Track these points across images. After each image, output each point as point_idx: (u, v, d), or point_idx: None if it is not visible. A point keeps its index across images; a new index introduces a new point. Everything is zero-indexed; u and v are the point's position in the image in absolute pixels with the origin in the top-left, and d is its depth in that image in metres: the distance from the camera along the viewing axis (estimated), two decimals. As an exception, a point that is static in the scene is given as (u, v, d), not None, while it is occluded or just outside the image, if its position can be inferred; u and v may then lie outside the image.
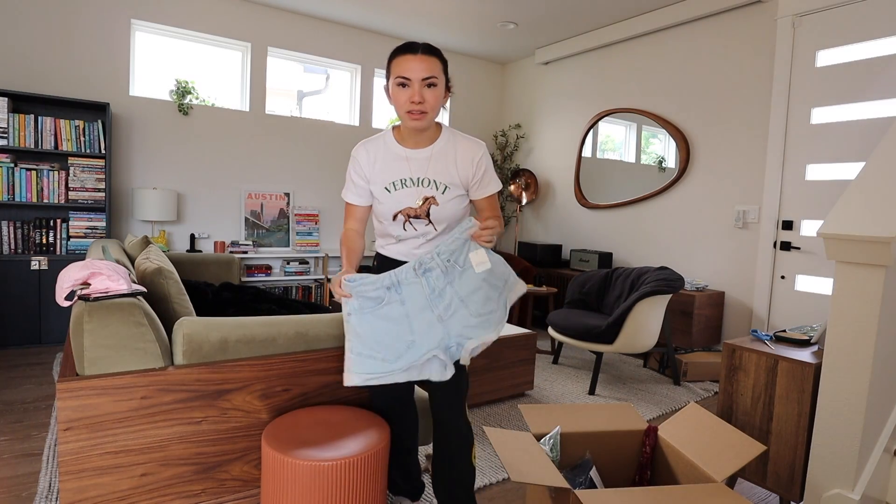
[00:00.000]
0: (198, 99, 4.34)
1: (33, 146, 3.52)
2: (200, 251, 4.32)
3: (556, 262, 5.03)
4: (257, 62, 4.55)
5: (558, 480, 1.26)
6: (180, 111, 4.24)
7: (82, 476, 1.45)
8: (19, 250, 3.57)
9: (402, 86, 1.46)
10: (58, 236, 3.66)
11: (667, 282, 3.15)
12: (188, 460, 1.60)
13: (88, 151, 3.68)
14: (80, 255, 3.69)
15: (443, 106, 1.54)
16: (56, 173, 3.61)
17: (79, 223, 3.70)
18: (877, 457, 1.74)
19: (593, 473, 1.54)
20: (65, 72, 3.82)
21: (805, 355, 1.80)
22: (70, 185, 3.65)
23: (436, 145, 1.57)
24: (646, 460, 1.66)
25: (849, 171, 3.26)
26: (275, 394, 1.73)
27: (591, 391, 3.18)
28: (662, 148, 4.38)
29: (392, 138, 1.59)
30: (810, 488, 1.70)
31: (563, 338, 3.36)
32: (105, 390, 1.46)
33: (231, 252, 4.36)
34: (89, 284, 1.58)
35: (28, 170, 3.54)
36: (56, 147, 3.59)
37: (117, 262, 2.04)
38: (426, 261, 1.46)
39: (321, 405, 1.79)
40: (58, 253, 3.65)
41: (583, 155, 5.05)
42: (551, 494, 1.40)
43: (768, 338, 2.00)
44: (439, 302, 1.46)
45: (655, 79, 4.39)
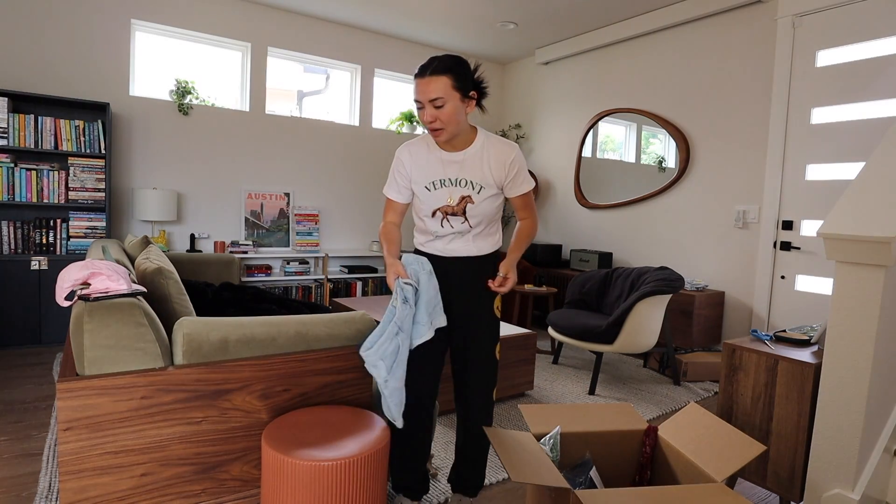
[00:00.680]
0: (198, 99, 4.34)
1: (33, 146, 3.52)
2: (200, 251, 4.32)
3: (556, 262, 5.03)
4: (257, 62, 4.55)
5: (558, 480, 1.26)
6: (180, 111, 4.24)
7: (82, 476, 1.45)
8: (19, 250, 3.57)
9: (419, 107, 1.59)
10: (58, 236, 3.66)
11: (667, 282, 3.15)
12: (188, 460, 1.60)
13: (88, 151, 3.68)
14: (80, 255, 3.69)
15: (479, 110, 1.66)
16: (56, 173, 3.61)
17: (79, 223, 3.70)
18: (877, 457, 1.74)
19: (593, 473, 1.54)
20: (65, 72, 3.82)
21: (805, 355, 1.80)
22: (70, 185, 3.65)
23: (470, 149, 1.67)
24: (646, 460, 1.66)
25: (849, 171, 3.25)
26: (275, 394, 1.73)
27: (591, 391, 3.18)
28: (662, 148, 4.38)
29: (432, 140, 1.71)
30: (810, 488, 1.70)
31: (563, 338, 3.36)
32: (105, 390, 1.46)
33: (231, 252, 4.36)
34: (89, 284, 1.58)
35: (28, 170, 3.54)
36: (56, 147, 3.59)
37: (117, 262, 2.04)
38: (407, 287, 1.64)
39: (321, 405, 1.79)
40: (58, 253, 3.65)
41: (583, 155, 5.05)
42: (551, 494, 1.40)
43: (768, 338, 2.00)
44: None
45: (655, 79, 4.39)
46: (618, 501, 1.20)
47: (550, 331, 3.50)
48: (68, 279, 1.58)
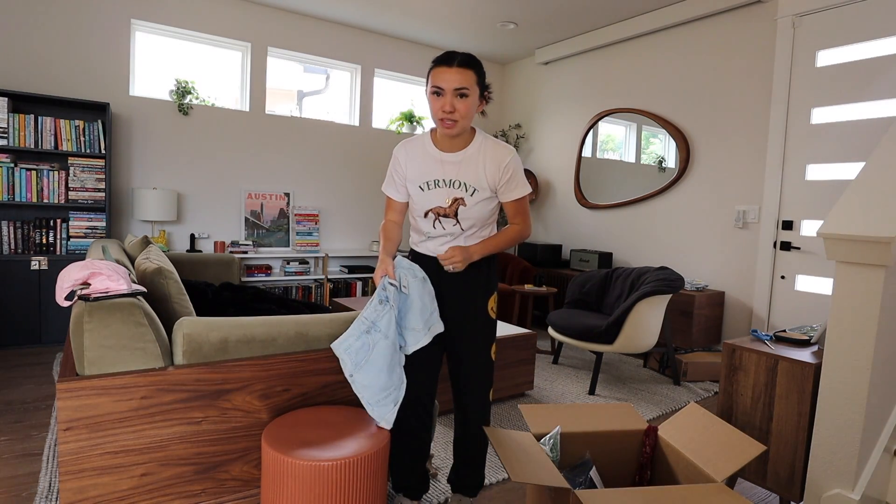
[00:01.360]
0: (198, 99, 4.34)
1: (33, 146, 3.52)
2: (200, 251, 4.32)
3: (556, 262, 5.03)
4: (257, 62, 4.55)
5: (558, 480, 1.26)
6: (180, 111, 4.24)
7: (82, 476, 1.45)
8: (19, 250, 3.57)
9: (437, 94, 1.56)
10: (58, 236, 3.66)
11: (667, 282, 3.15)
12: (188, 460, 1.60)
13: (88, 151, 3.68)
14: (80, 255, 3.69)
15: (479, 113, 1.65)
16: (56, 173, 3.61)
17: (79, 223, 3.70)
18: (877, 457, 1.74)
19: (593, 473, 1.54)
20: (65, 72, 3.82)
21: (805, 355, 1.80)
22: (70, 185, 3.65)
23: (468, 150, 1.66)
24: (646, 460, 1.66)
25: (849, 171, 3.25)
26: (275, 394, 1.73)
27: (591, 391, 3.18)
28: (662, 148, 4.38)
29: (429, 140, 1.70)
30: (810, 488, 1.70)
31: (563, 338, 3.36)
32: (105, 390, 1.46)
33: (231, 252, 4.36)
34: (89, 284, 1.58)
35: (28, 170, 3.54)
36: (56, 147, 3.59)
37: (117, 262, 2.04)
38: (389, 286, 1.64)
39: (321, 405, 1.79)
40: (58, 253, 3.65)
41: (583, 155, 5.05)
42: (551, 494, 1.40)
43: (768, 338, 2.00)
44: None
45: (655, 79, 4.39)
46: (618, 501, 1.20)
47: (550, 331, 3.50)
48: (68, 279, 1.58)
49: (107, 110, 3.69)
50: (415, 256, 1.82)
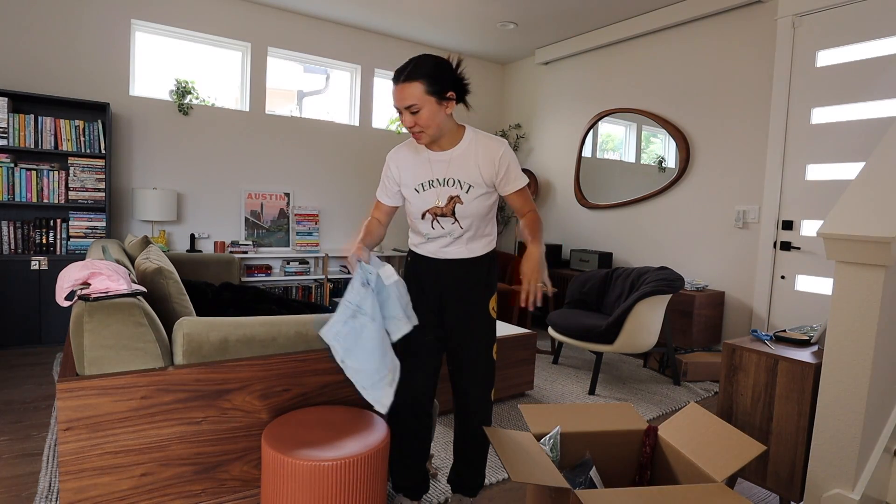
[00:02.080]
0: (198, 99, 4.34)
1: (33, 146, 3.52)
2: (200, 251, 4.32)
3: (556, 262, 5.03)
4: (257, 62, 4.55)
5: (558, 480, 1.26)
6: (180, 111, 4.24)
7: (82, 476, 1.45)
8: (19, 250, 3.57)
9: (399, 112, 1.57)
10: (58, 236, 3.66)
11: (667, 282, 3.15)
12: (188, 460, 1.60)
13: (88, 151, 3.68)
14: (80, 255, 3.69)
15: (448, 113, 1.58)
16: (56, 173, 3.61)
17: (79, 223, 3.70)
18: (877, 457, 1.74)
19: (593, 473, 1.54)
20: (65, 72, 3.82)
21: (805, 355, 1.80)
22: (70, 185, 3.65)
23: (457, 148, 1.65)
24: (646, 460, 1.66)
25: (849, 171, 3.25)
26: (275, 394, 1.73)
27: (591, 391, 3.18)
28: (662, 148, 4.38)
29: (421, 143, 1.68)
30: (810, 488, 1.70)
31: (563, 338, 3.36)
32: (105, 390, 1.46)
33: (231, 252, 4.36)
34: (89, 284, 1.58)
35: (28, 170, 3.54)
36: (56, 147, 3.59)
37: (117, 262, 2.04)
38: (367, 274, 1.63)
39: (321, 405, 1.79)
40: (58, 253, 3.65)
41: (583, 155, 5.05)
42: (551, 494, 1.40)
43: (768, 338, 2.00)
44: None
45: (655, 79, 4.39)
46: (618, 501, 1.20)
47: (550, 331, 3.50)
48: (68, 279, 1.58)
49: (107, 110, 3.69)
50: (414, 258, 1.81)
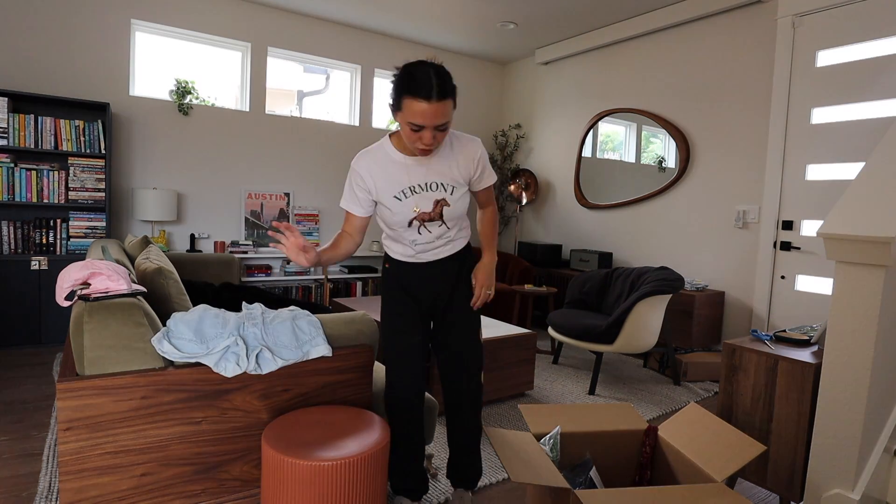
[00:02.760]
0: (198, 99, 4.34)
1: (33, 146, 3.53)
2: (200, 251, 4.32)
3: (556, 262, 5.03)
4: (257, 62, 4.55)
5: (558, 480, 1.26)
6: (180, 111, 4.24)
7: (82, 476, 1.45)
8: (19, 250, 3.57)
9: (415, 130, 1.44)
10: (58, 236, 3.66)
11: (667, 282, 3.15)
12: (188, 460, 1.60)
13: (88, 151, 3.68)
14: (80, 255, 3.69)
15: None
16: (56, 173, 3.61)
17: (79, 223, 3.70)
18: (877, 457, 1.74)
19: (593, 473, 1.54)
20: (65, 72, 3.82)
21: (805, 355, 1.80)
22: (70, 185, 3.65)
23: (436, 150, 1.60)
24: (646, 460, 1.66)
25: (849, 171, 3.25)
26: (275, 394, 1.73)
27: (591, 391, 3.18)
28: (662, 148, 4.38)
29: (391, 146, 1.61)
30: (810, 488, 1.70)
31: (563, 338, 3.36)
32: (105, 390, 1.46)
33: (231, 252, 4.36)
34: (89, 284, 1.58)
35: (28, 170, 3.54)
36: (56, 147, 3.59)
37: (117, 262, 2.04)
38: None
39: (321, 405, 1.78)
40: (58, 253, 3.65)
41: (583, 155, 5.05)
42: (551, 494, 1.40)
43: (768, 338, 2.00)
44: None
45: (655, 79, 4.39)
46: (618, 501, 1.20)
47: (550, 331, 3.50)
48: (68, 279, 1.58)
49: (107, 110, 3.69)
50: (397, 266, 1.77)
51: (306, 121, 4.84)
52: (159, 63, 4.28)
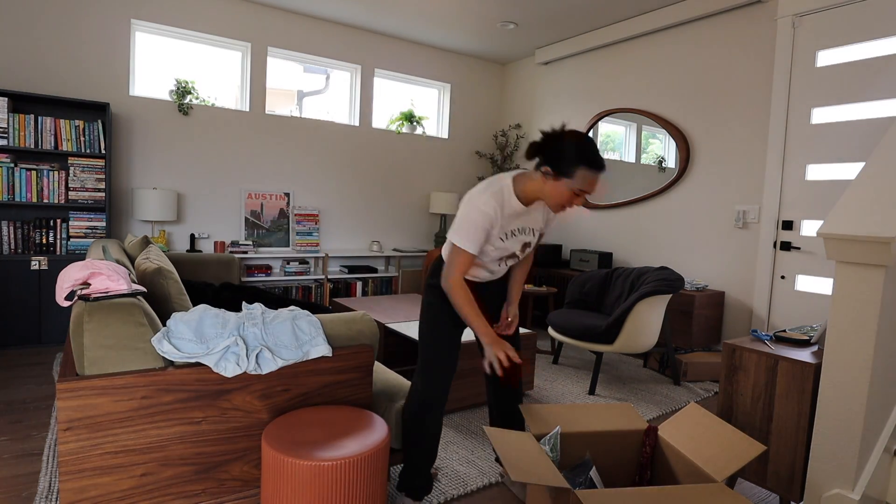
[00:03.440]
0: (198, 99, 4.34)
1: (33, 146, 3.52)
2: (200, 251, 4.32)
3: (556, 262, 5.03)
4: (257, 62, 4.55)
5: (558, 480, 1.26)
6: (180, 111, 4.24)
7: (82, 476, 1.45)
8: (19, 250, 3.57)
9: (577, 194, 1.61)
10: (58, 236, 3.66)
11: (667, 282, 3.14)
12: (188, 460, 1.60)
13: (88, 151, 3.68)
14: (80, 255, 3.69)
15: None
16: (56, 173, 3.61)
17: (79, 223, 3.70)
18: (877, 457, 1.74)
19: (593, 473, 1.54)
20: (65, 72, 3.82)
21: (805, 355, 1.80)
22: (70, 185, 3.65)
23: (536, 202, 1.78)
24: (646, 460, 1.66)
25: (849, 171, 3.25)
26: (275, 394, 1.73)
27: (591, 391, 3.18)
28: (662, 148, 4.38)
29: (512, 194, 1.70)
30: (810, 488, 1.70)
31: (563, 338, 3.36)
32: (105, 390, 1.46)
33: (231, 252, 4.36)
34: (89, 284, 1.58)
35: (28, 170, 3.54)
36: (56, 147, 3.59)
37: (117, 262, 2.04)
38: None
39: (321, 405, 1.79)
40: (58, 253, 3.65)
41: (583, 155, 5.04)
42: (551, 494, 1.40)
43: (768, 338, 2.00)
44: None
45: (655, 79, 4.39)
46: (618, 501, 1.20)
47: (550, 331, 3.50)
48: (68, 279, 1.58)
49: (107, 110, 3.69)
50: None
51: (306, 121, 4.84)
52: (159, 63, 4.28)
